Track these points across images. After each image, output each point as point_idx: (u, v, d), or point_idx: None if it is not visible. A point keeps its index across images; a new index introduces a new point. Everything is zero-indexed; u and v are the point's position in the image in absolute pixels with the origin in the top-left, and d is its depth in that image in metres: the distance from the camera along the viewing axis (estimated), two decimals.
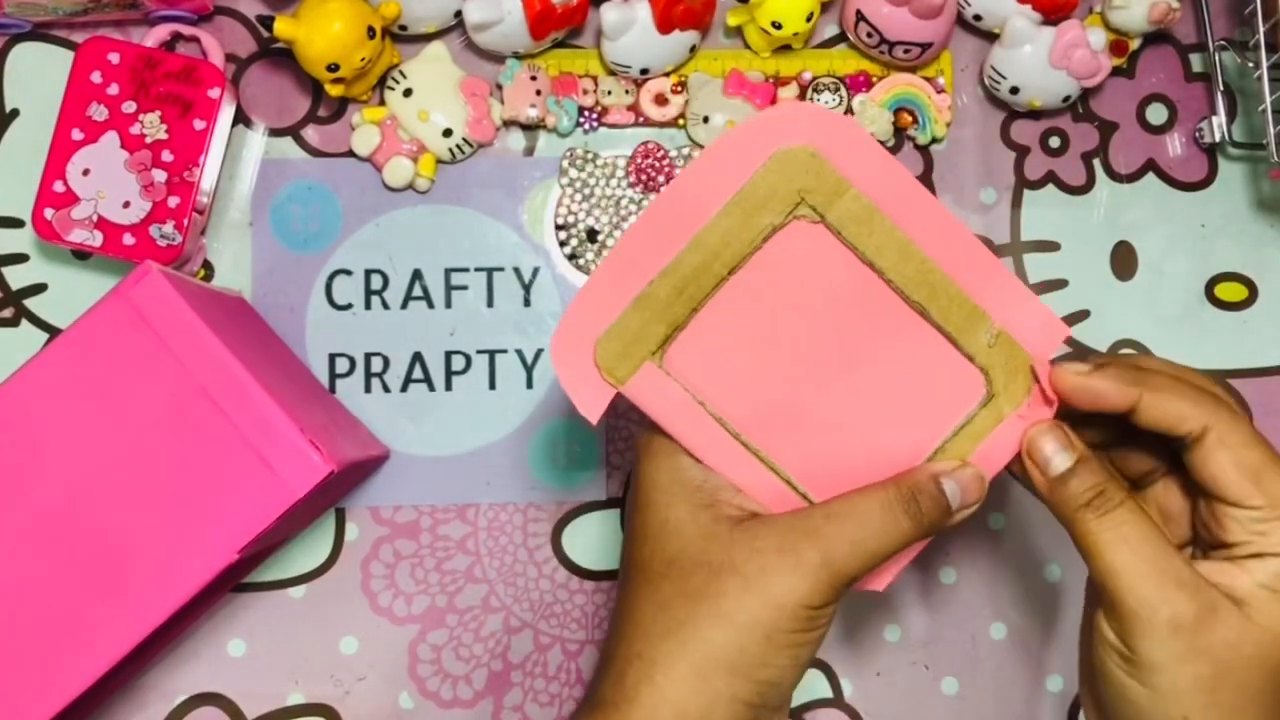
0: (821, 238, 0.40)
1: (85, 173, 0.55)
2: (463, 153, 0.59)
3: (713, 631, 0.38)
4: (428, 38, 0.59)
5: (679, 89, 0.60)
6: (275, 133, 0.60)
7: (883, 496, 0.40)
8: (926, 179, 0.61)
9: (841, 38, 0.61)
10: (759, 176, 0.40)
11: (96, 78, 0.55)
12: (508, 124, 0.60)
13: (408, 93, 0.58)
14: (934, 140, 0.60)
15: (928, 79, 0.60)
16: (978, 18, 0.59)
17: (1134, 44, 0.60)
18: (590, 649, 0.59)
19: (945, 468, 0.41)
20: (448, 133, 0.58)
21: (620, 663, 0.40)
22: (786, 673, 0.39)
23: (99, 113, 0.55)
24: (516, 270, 0.60)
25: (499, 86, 0.59)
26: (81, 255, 0.59)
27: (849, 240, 0.40)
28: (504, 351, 0.60)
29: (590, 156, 0.60)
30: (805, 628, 0.39)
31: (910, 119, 0.59)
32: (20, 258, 0.59)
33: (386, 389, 0.59)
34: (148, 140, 0.55)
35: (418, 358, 0.59)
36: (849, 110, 0.60)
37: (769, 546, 0.38)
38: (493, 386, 0.59)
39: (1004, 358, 0.42)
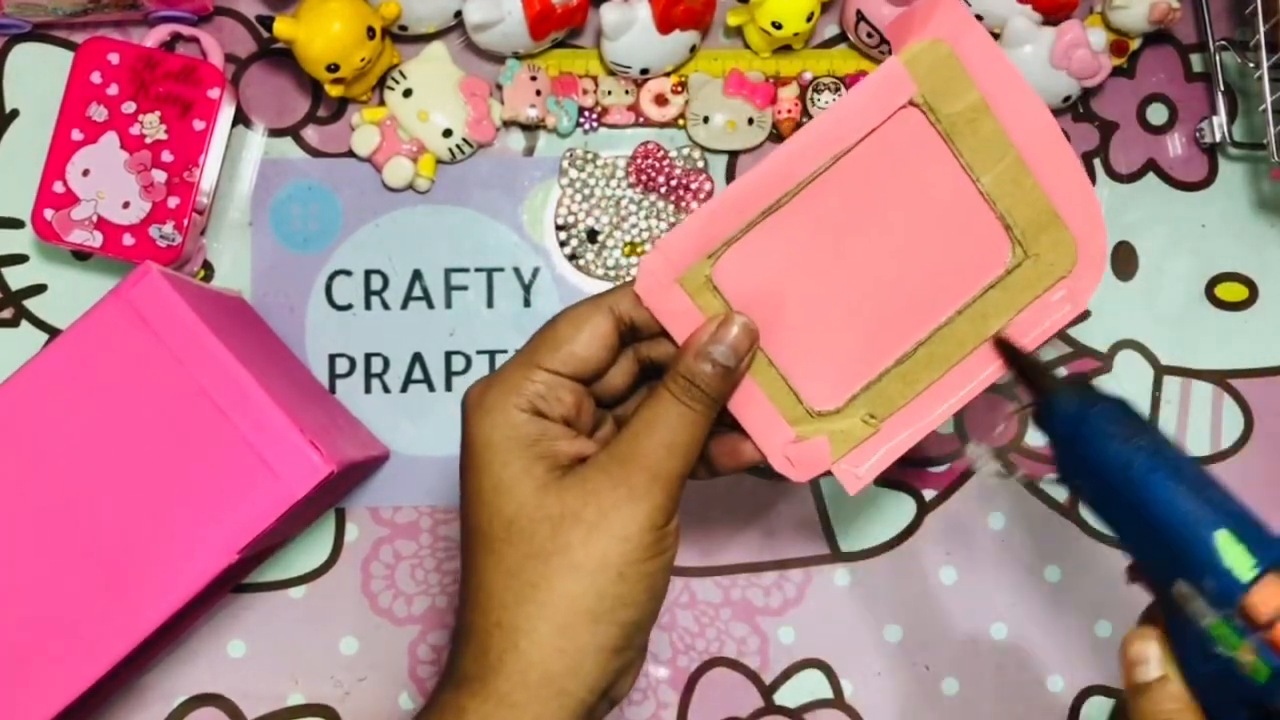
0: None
1: (85, 173, 0.55)
2: (463, 153, 0.59)
3: (568, 585, 0.38)
4: (428, 38, 0.59)
5: (679, 89, 0.60)
6: (275, 133, 0.60)
7: (667, 394, 0.40)
8: None
9: (842, 38, 0.61)
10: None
11: (96, 78, 0.55)
12: (507, 124, 0.60)
13: (408, 93, 0.58)
14: None
15: None
16: (979, 18, 0.59)
17: (1134, 44, 0.60)
18: None
19: (704, 335, 0.41)
20: (447, 133, 0.58)
21: (480, 635, 0.39)
22: (644, 608, 0.39)
23: (99, 113, 0.55)
24: (516, 270, 0.60)
25: (499, 87, 0.59)
26: (81, 256, 0.59)
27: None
28: (504, 352, 0.60)
29: (590, 157, 0.60)
30: (654, 553, 0.39)
31: None
32: (20, 258, 0.59)
33: (386, 389, 0.59)
34: (147, 141, 0.55)
35: (417, 358, 0.59)
36: None
37: (600, 485, 0.39)
38: None
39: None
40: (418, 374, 0.59)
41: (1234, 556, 0.37)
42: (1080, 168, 0.42)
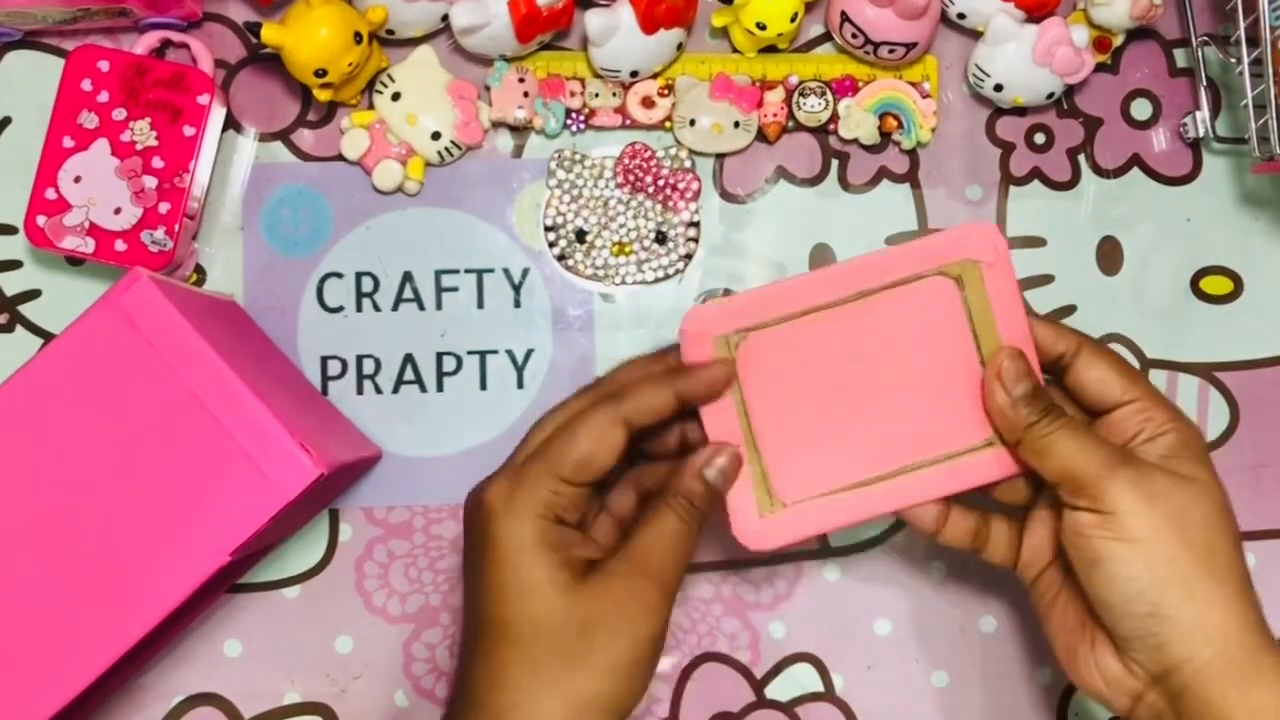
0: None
1: (76, 180, 0.56)
2: (451, 155, 0.59)
3: (588, 684, 0.44)
4: (415, 42, 0.59)
5: (666, 92, 0.60)
6: (265, 137, 0.60)
7: (671, 514, 0.46)
8: (913, 177, 0.61)
9: (827, 38, 0.61)
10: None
11: (87, 85, 0.56)
12: (496, 126, 0.60)
13: (396, 96, 0.59)
14: (919, 144, 0.61)
15: (913, 84, 0.60)
16: (961, 16, 0.59)
17: (1117, 40, 0.60)
18: None
19: (700, 460, 0.47)
20: (436, 135, 0.59)
21: (495, 711, 0.44)
22: (638, 697, 0.45)
23: (90, 120, 0.56)
24: (506, 271, 0.60)
25: (487, 89, 0.60)
26: (74, 261, 0.59)
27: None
28: (495, 352, 0.60)
29: (578, 158, 0.60)
30: (654, 653, 0.45)
31: (895, 123, 0.60)
32: (14, 264, 0.59)
33: (378, 390, 0.60)
34: (138, 147, 0.56)
35: (409, 359, 0.60)
36: (835, 115, 0.60)
37: (621, 597, 0.44)
38: (484, 387, 0.60)
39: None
40: (409, 375, 0.60)
41: None
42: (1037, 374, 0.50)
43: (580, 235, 0.60)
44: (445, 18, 0.58)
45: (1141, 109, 0.62)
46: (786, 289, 0.48)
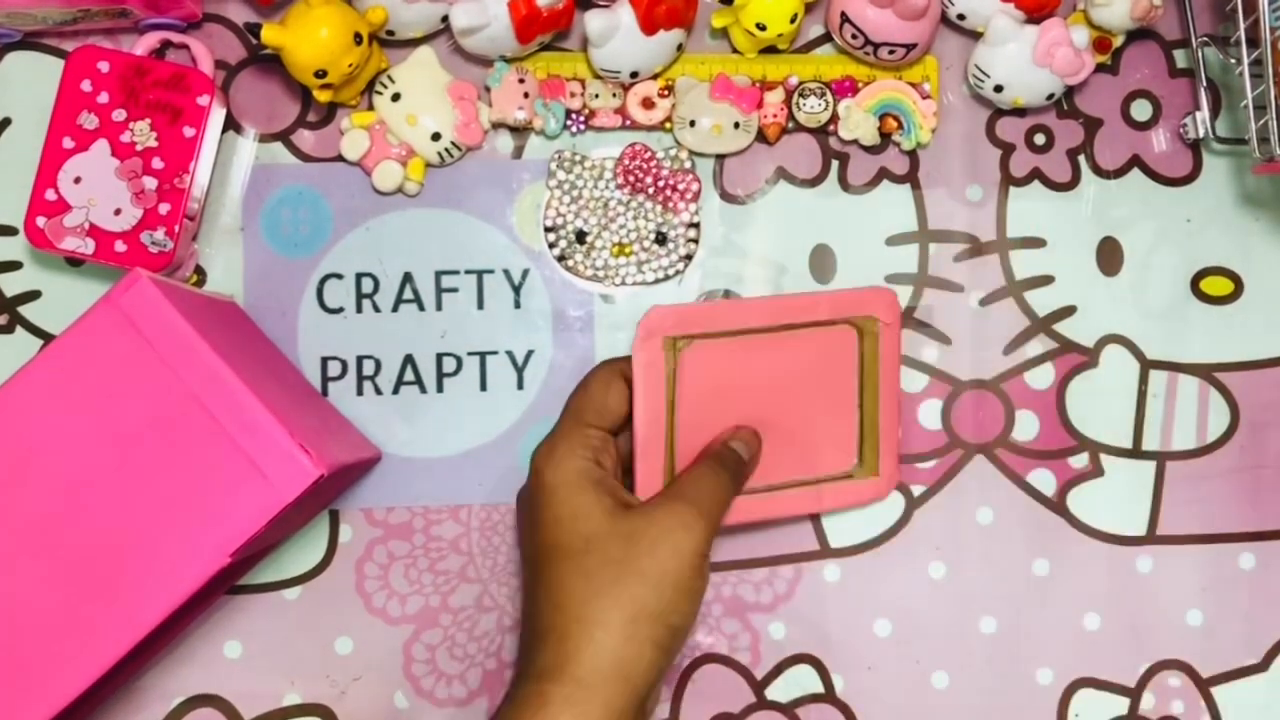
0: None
1: (76, 180, 0.56)
2: (451, 156, 0.59)
3: (637, 588, 0.47)
4: (415, 43, 0.59)
5: (666, 93, 0.60)
6: (265, 138, 0.60)
7: (707, 462, 0.53)
8: (913, 177, 0.61)
9: (827, 39, 0.61)
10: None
11: (87, 86, 0.56)
12: (496, 127, 0.60)
13: (396, 97, 0.59)
14: (919, 145, 0.61)
15: (913, 85, 0.60)
16: (961, 17, 0.59)
17: (1117, 41, 0.60)
18: None
19: (727, 434, 0.54)
20: (436, 136, 0.59)
21: (558, 631, 0.47)
22: (687, 618, 0.49)
23: (89, 121, 0.56)
24: (506, 272, 0.60)
25: (487, 90, 0.60)
26: (74, 262, 0.59)
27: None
28: (495, 353, 0.60)
29: (578, 159, 0.60)
30: (699, 574, 0.49)
31: (895, 124, 0.60)
32: (14, 265, 0.59)
33: (378, 391, 0.60)
34: (138, 148, 0.56)
35: (409, 360, 0.60)
36: (835, 115, 0.60)
37: (662, 515, 0.49)
38: (484, 388, 0.60)
39: (852, 308, 0.56)
40: (409, 376, 0.60)
41: None
42: (898, 424, 0.59)
43: (580, 236, 0.60)
44: (445, 19, 0.58)
45: (1141, 110, 0.62)
46: (731, 309, 0.55)
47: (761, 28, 0.58)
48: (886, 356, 0.57)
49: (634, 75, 0.59)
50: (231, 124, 0.60)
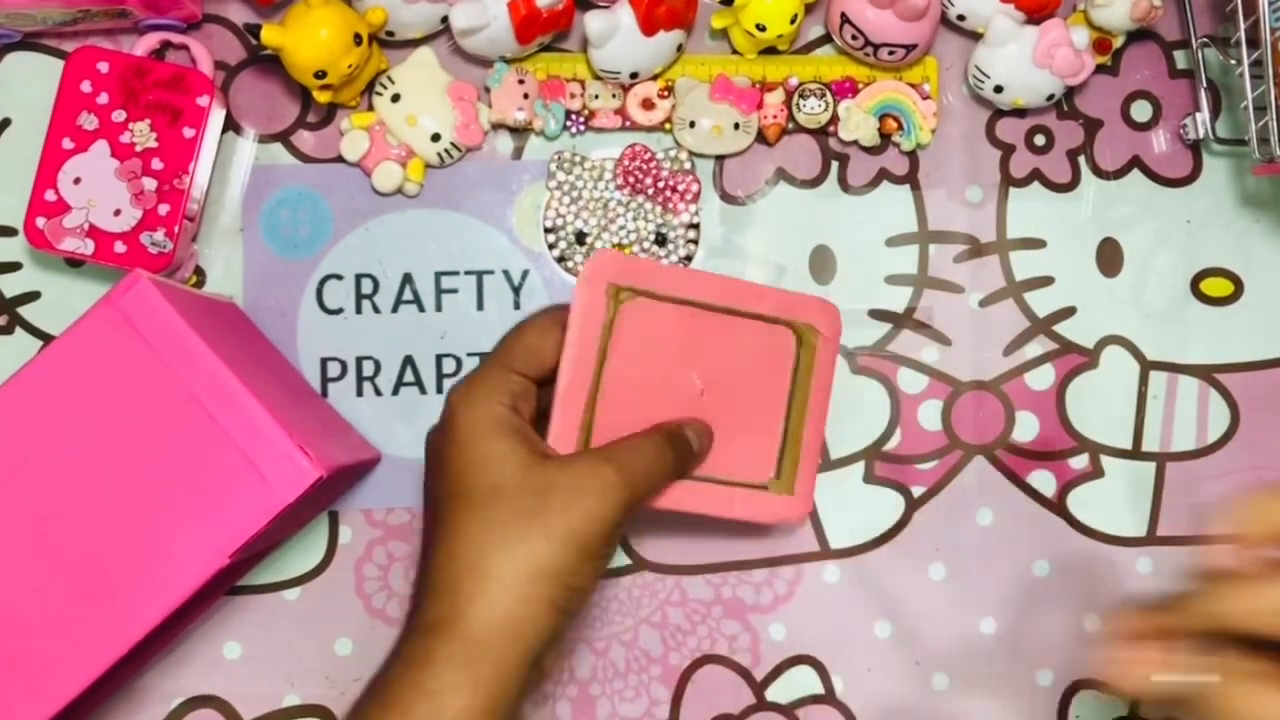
0: (646, 305, 0.51)
1: (76, 181, 0.56)
2: (451, 157, 0.59)
3: (540, 543, 0.44)
4: (415, 43, 0.59)
5: (666, 93, 0.60)
6: (265, 139, 0.60)
7: (655, 438, 0.49)
8: (913, 178, 0.61)
9: (827, 39, 0.61)
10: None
11: (86, 87, 0.56)
12: (495, 128, 0.60)
13: (395, 98, 0.59)
14: (919, 146, 0.61)
15: (913, 85, 0.60)
16: (961, 18, 0.59)
17: (1117, 41, 0.60)
18: (583, 647, 0.59)
19: (684, 422, 0.51)
20: (436, 137, 0.59)
21: (450, 583, 0.44)
22: (589, 580, 0.46)
23: (89, 121, 0.56)
24: (506, 273, 0.60)
25: (486, 90, 0.60)
26: (74, 263, 0.59)
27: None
28: None
29: (578, 159, 0.60)
30: (607, 541, 0.46)
31: (895, 125, 0.60)
32: (13, 266, 0.59)
33: (378, 392, 0.60)
34: (138, 148, 0.56)
35: (409, 361, 0.60)
36: (835, 116, 0.60)
37: (582, 472, 0.46)
38: None
39: (796, 310, 0.54)
40: (409, 377, 0.60)
41: None
42: (820, 447, 0.56)
43: (580, 237, 0.60)
44: (445, 19, 0.58)
45: (1141, 110, 0.62)
46: (680, 275, 0.52)
47: (761, 28, 0.58)
48: (820, 372, 0.55)
49: (634, 76, 0.59)
50: (231, 125, 0.60)
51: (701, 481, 0.52)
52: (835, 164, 0.61)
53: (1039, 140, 0.62)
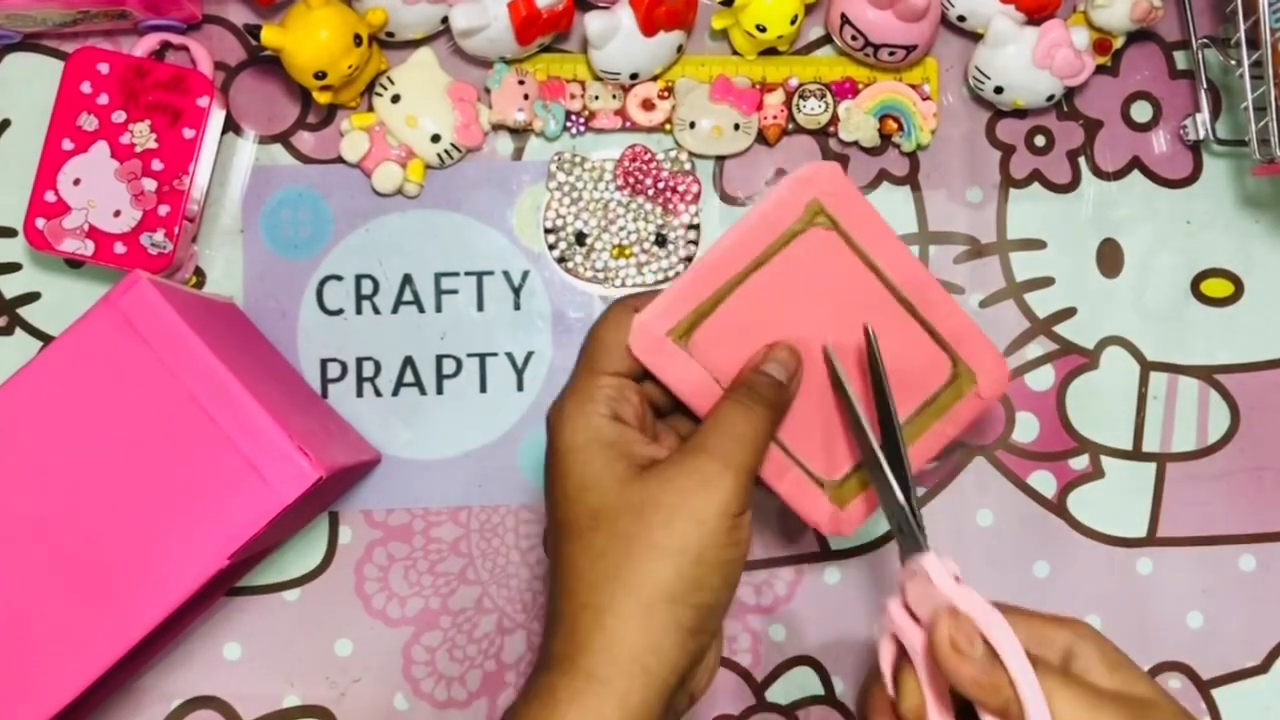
0: (833, 241, 0.47)
1: (76, 182, 0.56)
2: (451, 158, 0.59)
3: (650, 565, 0.41)
4: (415, 44, 0.59)
5: (666, 94, 0.60)
6: (265, 140, 0.60)
7: (731, 399, 0.45)
8: (913, 179, 0.61)
9: (827, 40, 0.61)
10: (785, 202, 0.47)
11: (86, 88, 0.56)
12: (496, 128, 0.60)
13: (396, 99, 0.59)
14: (919, 147, 0.60)
15: (913, 86, 0.60)
16: (962, 19, 0.59)
17: (1117, 42, 0.60)
18: None
19: (758, 358, 0.46)
20: (436, 138, 0.59)
21: (569, 618, 0.42)
22: (720, 593, 0.42)
23: (89, 122, 0.56)
24: (506, 274, 0.60)
25: (487, 91, 0.60)
26: (74, 264, 0.59)
27: (856, 244, 0.47)
28: (494, 355, 0.60)
29: (578, 160, 0.60)
30: (728, 540, 0.42)
31: (895, 125, 0.60)
32: (13, 267, 0.59)
33: (378, 393, 0.60)
34: (137, 149, 0.56)
35: (409, 362, 0.60)
36: (835, 117, 0.60)
37: (677, 475, 0.42)
38: (484, 389, 0.60)
39: (968, 346, 0.49)
40: (409, 378, 0.60)
41: None
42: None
43: (580, 238, 0.60)
44: (445, 20, 0.58)
45: (1142, 111, 0.62)
46: (891, 244, 0.48)
47: (761, 29, 0.58)
48: (949, 422, 0.49)
49: (634, 77, 0.59)
50: (231, 125, 0.60)
51: (774, 441, 0.48)
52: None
53: (1039, 141, 0.62)
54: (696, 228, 0.60)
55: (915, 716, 0.41)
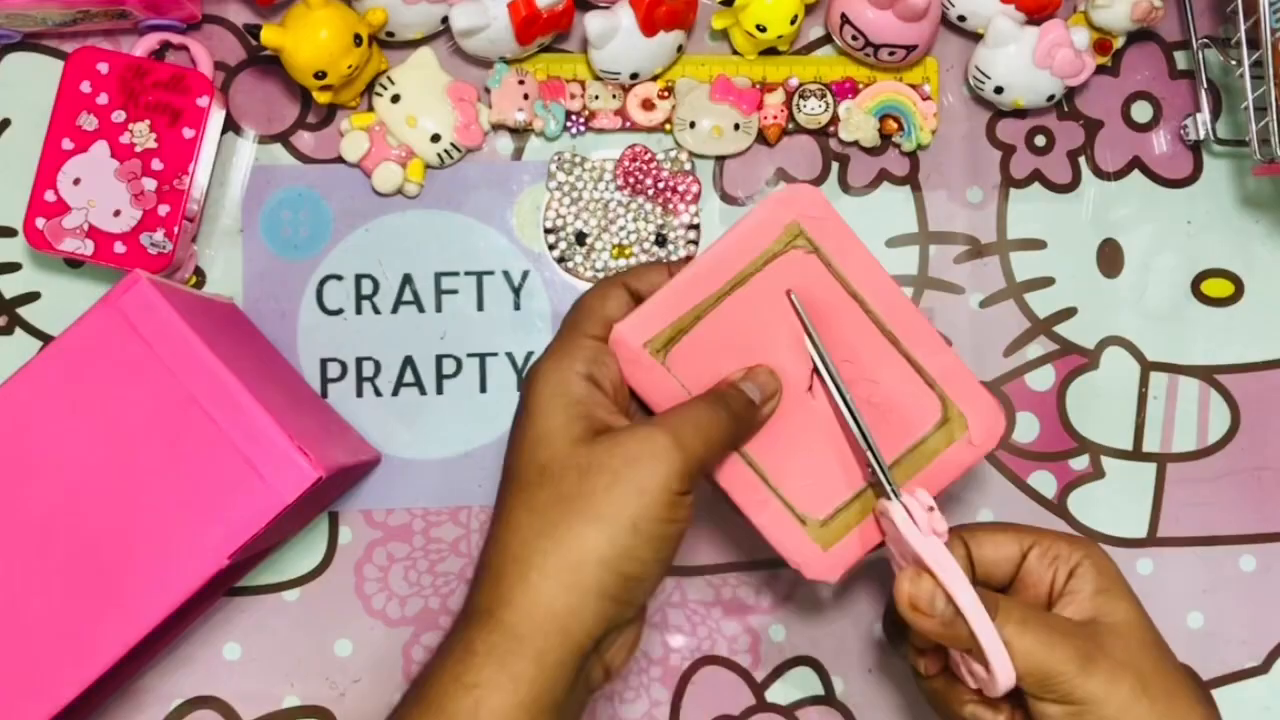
0: (813, 265, 0.47)
1: (76, 182, 0.55)
2: (451, 158, 0.59)
3: (585, 528, 0.41)
4: (415, 44, 0.59)
5: (666, 94, 0.60)
6: (265, 140, 0.60)
7: (706, 399, 0.46)
8: (913, 179, 0.61)
9: (827, 40, 0.61)
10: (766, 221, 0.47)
11: (86, 87, 0.55)
12: (496, 128, 0.60)
13: (396, 99, 0.59)
14: (919, 146, 0.60)
15: (913, 86, 0.60)
16: (962, 18, 0.59)
17: (1118, 42, 0.60)
18: None
19: (738, 376, 0.47)
20: (436, 138, 0.59)
21: (495, 570, 0.42)
22: (649, 567, 0.42)
23: (89, 122, 0.56)
24: (506, 274, 0.60)
25: (487, 91, 0.60)
26: (74, 264, 0.59)
27: (837, 270, 0.47)
28: (494, 355, 0.60)
29: (578, 160, 0.60)
30: (667, 516, 0.42)
31: (896, 125, 0.60)
32: (13, 266, 0.59)
33: (378, 393, 0.60)
34: (137, 149, 0.56)
35: (409, 362, 0.60)
36: (835, 117, 0.60)
37: (627, 442, 0.43)
38: (484, 389, 0.60)
39: (958, 388, 0.49)
40: (409, 378, 0.60)
41: None
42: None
43: (580, 238, 0.60)
44: (445, 20, 0.58)
45: (1142, 111, 0.62)
46: (872, 271, 0.48)
47: (762, 29, 0.58)
48: (939, 469, 0.48)
49: (634, 77, 0.59)
50: (231, 125, 0.60)
51: (754, 471, 0.48)
52: (835, 165, 0.61)
53: (1039, 141, 0.62)
54: (696, 228, 0.60)
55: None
